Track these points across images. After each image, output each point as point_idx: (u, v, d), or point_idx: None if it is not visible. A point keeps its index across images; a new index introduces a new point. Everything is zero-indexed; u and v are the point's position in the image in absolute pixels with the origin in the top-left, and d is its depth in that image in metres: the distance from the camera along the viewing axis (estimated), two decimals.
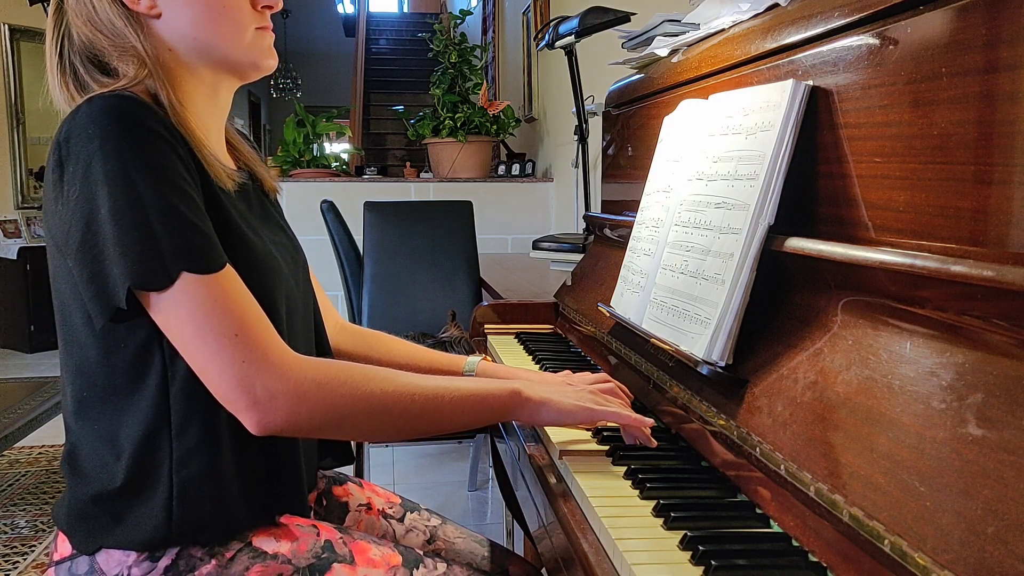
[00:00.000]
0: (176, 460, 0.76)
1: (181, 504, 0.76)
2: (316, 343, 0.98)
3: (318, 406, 0.75)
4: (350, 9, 10.50)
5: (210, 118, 0.88)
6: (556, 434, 0.90)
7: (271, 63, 0.88)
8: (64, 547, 0.80)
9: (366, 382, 0.78)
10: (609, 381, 0.97)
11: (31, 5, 0.88)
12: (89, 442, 0.79)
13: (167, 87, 0.80)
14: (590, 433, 0.91)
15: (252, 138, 1.04)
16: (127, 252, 0.70)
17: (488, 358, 1.08)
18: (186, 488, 0.76)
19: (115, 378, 0.77)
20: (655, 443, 0.84)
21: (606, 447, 0.86)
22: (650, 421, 0.85)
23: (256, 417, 0.73)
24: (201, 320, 0.72)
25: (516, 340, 1.45)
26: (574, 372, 1.02)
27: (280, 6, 0.88)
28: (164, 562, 0.77)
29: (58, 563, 0.80)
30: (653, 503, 0.71)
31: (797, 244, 0.75)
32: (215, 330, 0.72)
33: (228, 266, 0.75)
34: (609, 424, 0.90)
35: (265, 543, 0.81)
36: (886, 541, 0.52)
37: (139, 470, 0.76)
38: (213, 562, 0.77)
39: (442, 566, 0.92)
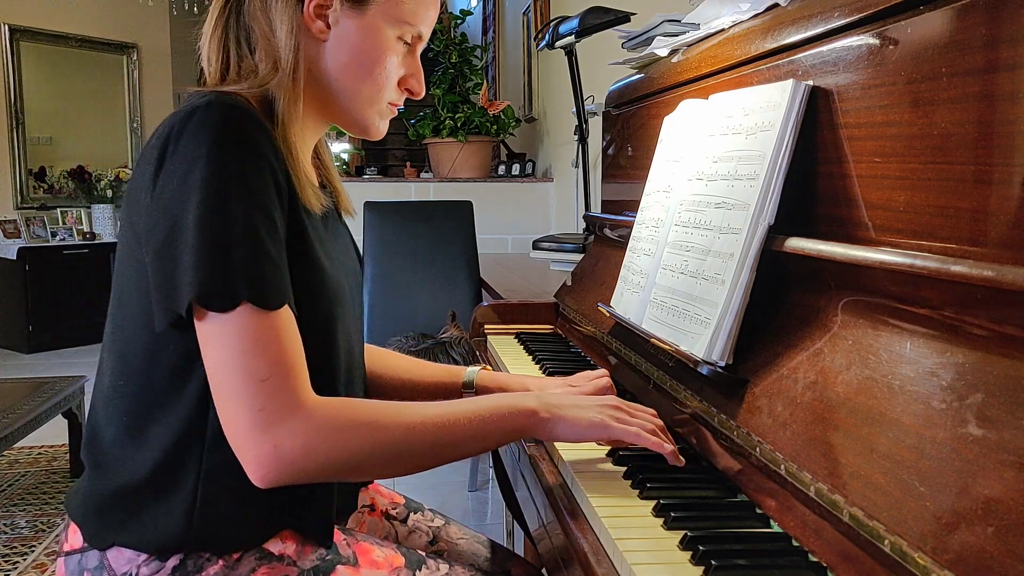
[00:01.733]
0: (204, 473, 0.76)
1: (203, 516, 0.76)
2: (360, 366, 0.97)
3: (324, 458, 0.73)
4: None
5: (309, 139, 0.90)
6: None
7: (380, 134, 0.91)
8: (75, 538, 0.80)
9: (376, 428, 0.75)
10: (605, 376, 0.97)
11: None
12: (114, 433, 0.78)
13: (290, 101, 0.81)
14: None
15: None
16: (201, 264, 0.70)
17: (487, 367, 1.07)
18: (210, 502, 0.76)
19: (155, 377, 0.77)
20: (683, 461, 0.80)
21: (607, 447, 0.86)
22: (671, 448, 0.80)
23: (258, 472, 0.71)
24: (239, 353, 0.71)
25: (516, 340, 1.45)
26: (574, 373, 1.01)
27: (422, 95, 0.91)
28: (172, 562, 0.76)
29: (68, 554, 0.80)
30: (653, 503, 0.71)
31: (797, 244, 0.75)
32: (246, 368, 0.71)
33: (286, 307, 0.74)
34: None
35: (271, 544, 0.80)
36: (886, 541, 0.52)
37: (164, 474, 0.76)
38: (220, 563, 0.77)
39: (444, 567, 0.92)
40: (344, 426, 0.74)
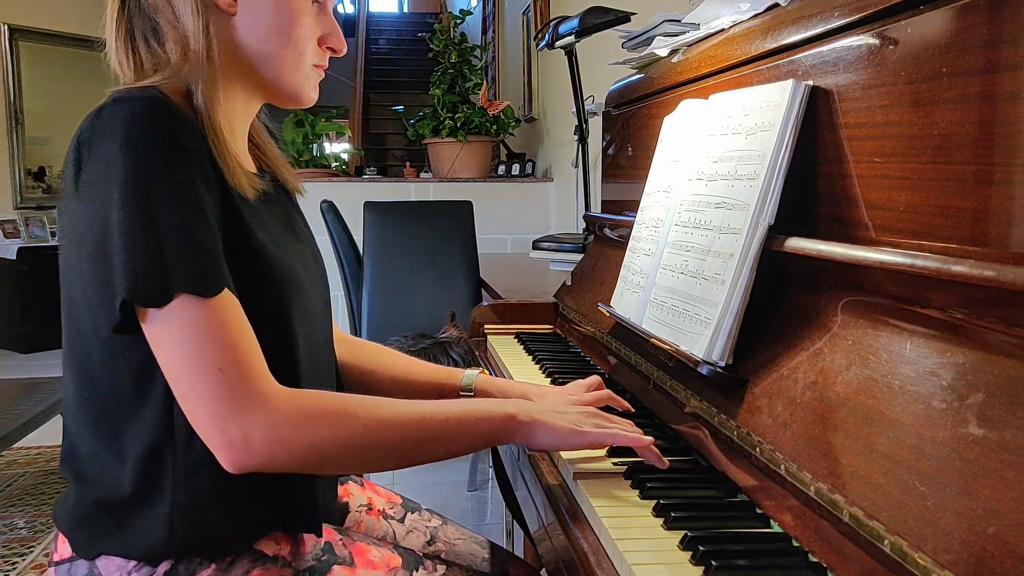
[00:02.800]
0: (180, 474, 0.75)
1: (183, 521, 0.75)
2: (331, 356, 0.95)
3: (296, 448, 0.72)
4: (350, 9, 10.51)
5: (238, 121, 0.87)
6: None
7: (311, 99, 0.89)
8: (64, 549, 0.79)
9: (347, 418, 0.75)
10: (602, 388, 0.96)
11: None
12: (88, 444, 0.78)
13: (209, 85, 0.78)
14: None
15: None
16: (130, 264, 0.69)
17: (485, 372, 1.06)
18: (188, 505, 0.75)
19: (118, 384, 0.75)
20: (667, 463, 0.79)
21: (606, 447, 0.86)
22: (648, 440, 0.80)
23: (230, 458, 0.71)
24: (190, 346, 0.70)
25: (516, 340, 1.45)
26: (574, 373, 1.01)
27: (343, 52, 0.89)
28: (163, 567, 0.76)
29: (58, 564, 0.80)
30: (653, 503, 0.71)
31: (797, 244, 0.75)
32: (200, 361, 0.70)
33: (227, 291, 0.73)
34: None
35: (265, 546, 0.80)
36: (886, 541, 0.52)
37: (143, 481, 0.75)
38: (213, 566, 0.77)
39: (441, 568, 0.92)
40: (313, 416, 0.73)
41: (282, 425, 0.71)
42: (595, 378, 0.98)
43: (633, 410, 0.94)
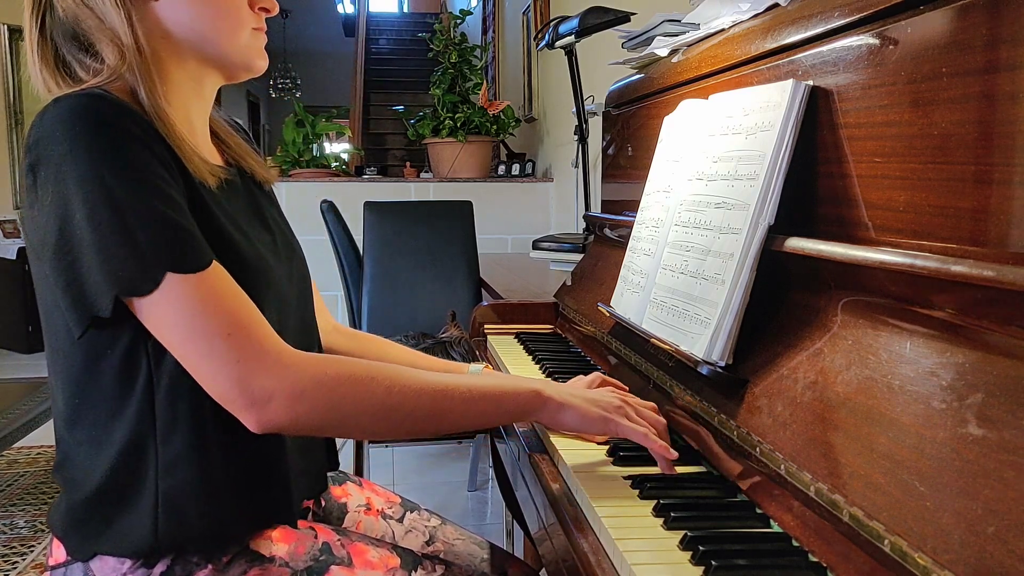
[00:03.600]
0: (161, 468, 0.75)
1: (167, 513, 0.75)
2: (309, 344, 0.95)
3: (318, 404, 0.73)
4: (350, 9, 10.51)
5: (194, 112, 0.85)
6: (558, 436, 0.90)
7: (262, 65, 0.86)
8: (59, 553, 0.79)
9: (369, 380, 0.75)
10: (607, 382, 0.96)
11: None
12: (79, 447, 0.78)
13: (149, 80, 0.76)
14: None
15: (249, 132, 1.02)
16: (107, 258, 0.68)
17: (488, 367, 1.07)
18: (171, 497, 0.75)
19: (104, 384, 0.75)
20: (675, 472, 0.79)
21: (606, 447, 0.86)
22: (674, 454, 0.78)
23: (255, 416, 0.71)
24: (191, 321, 0.69)
25: (516, 340, 1.45)
26: (574, 373, 1.01)
27: (276, 11, 0.87)
28: (159, 568, 0.76)
29: (53, 568, 0.80)
30: (653, 503, 0.71)
31: (797, 244, 0.75)
32: (206, 331, 0.70)
33: (215, 263, 0.72)
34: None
35: (262, 546, 0.80)
36: (886, 541, 0.52)
37: (125, 476, 0.75)
38: (209, 567, 0.77)
39: (440, 568, 0.92)
40: (336, 377, 0.74)
41: (304, 382, 0.72)
42: (596, 375, 0.99)
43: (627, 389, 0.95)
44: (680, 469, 0.79)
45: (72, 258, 0.69)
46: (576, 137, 2.27)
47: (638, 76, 1.36)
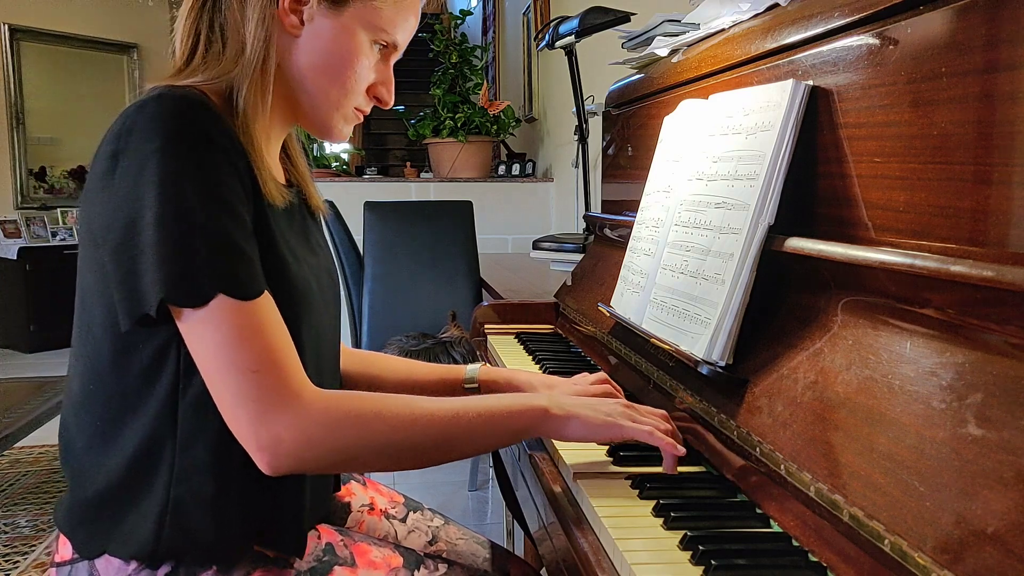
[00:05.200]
0: (176, 474, 0.75)
1: (174, 520, 0.74)
2: (335, 368, 0.95)
3: (324, 450, 0.73)
4: None
5: (274, 134, 0.87)
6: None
7: (340, 140, 0.90)
8: (65, 550, 0.79)
9: (373, 421, 0.75)
10: (607, 382, 0.96)
11: None
12: (86, 440, 0.78)
13: (252, 90, 0.79)
14: None
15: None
16: (165, 262, 0.69)
17: (486, 366, 1.07)
18: (181, 505, 0.75)
19: (126, 378, 0.75)
20: (677, 471, 0.78)
21: (606, 447, 0.86)
22: (682, 450, 0.78)
23: (263, 459, 0.72)
24: (226, 347, 0.70)
25: (516, 340, 1.45)
26: (574, 372, 1.01)
27: (390, 105, 0.90)
28: (164, 569, 0.76)
29: (59, 565, 0.80)
30: (653, 503, 0.71)
31: (797, 244, 0.75)
32: (236, 362, 0.70)
33: (266, 293, 0.73)
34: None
35: (265, 548, 0.80)
36: (886, 541, 0.52)
37: (136, 475, 0.75)
38: (213, 568, 0.77)
39: (443, 567, 0.92)
40: (341, 418, 0.74)
41: (311, 427, 0.72)
42: (601, 374, 0.99)
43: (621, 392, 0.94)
44: (680, 469, 0.79)
45: (134, 253, 0.70)
46: (576, 137, 2.27)
47: (638, 76, 1.36)
